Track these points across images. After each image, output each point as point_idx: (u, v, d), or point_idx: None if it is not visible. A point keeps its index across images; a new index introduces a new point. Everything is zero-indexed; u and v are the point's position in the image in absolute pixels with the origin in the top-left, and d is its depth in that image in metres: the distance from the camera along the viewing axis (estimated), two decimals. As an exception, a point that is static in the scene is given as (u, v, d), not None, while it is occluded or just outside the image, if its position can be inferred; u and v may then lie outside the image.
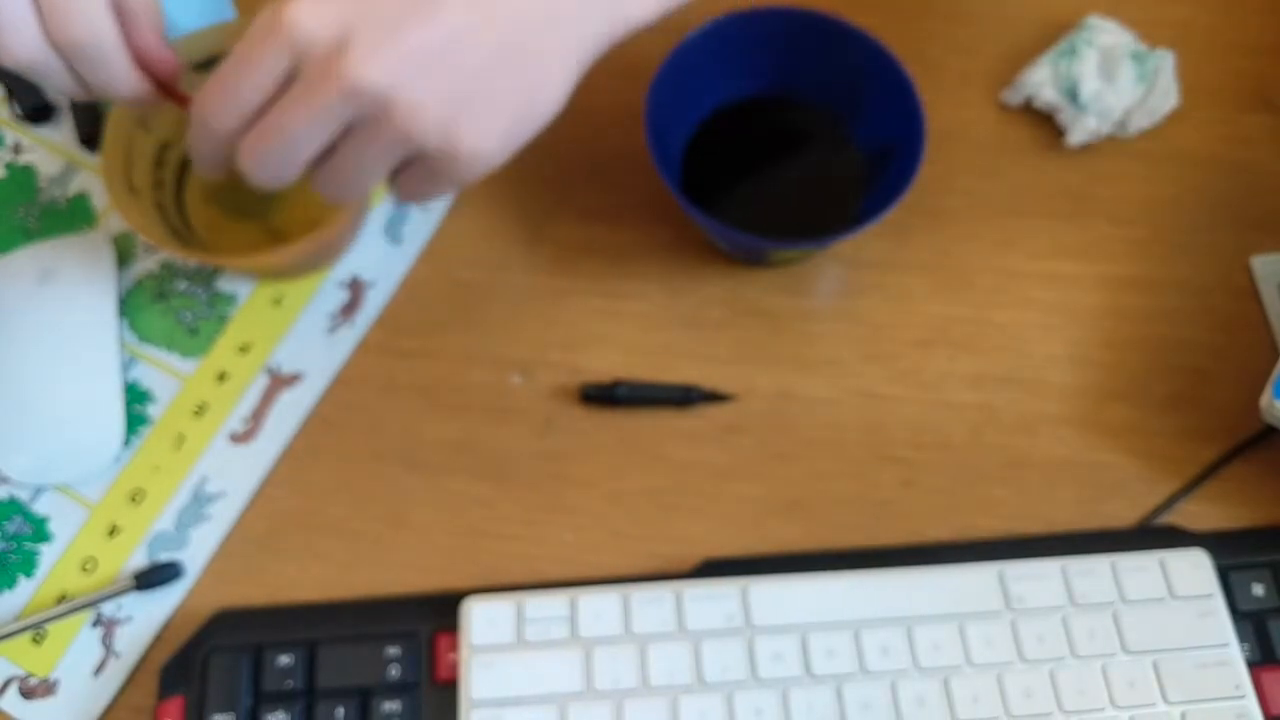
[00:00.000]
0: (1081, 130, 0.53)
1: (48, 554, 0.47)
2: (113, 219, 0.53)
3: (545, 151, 0.55)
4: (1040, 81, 0.54)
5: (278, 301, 0.51)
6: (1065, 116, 0.54)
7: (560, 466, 0.48)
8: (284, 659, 0.43)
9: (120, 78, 0.39)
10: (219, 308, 0.51)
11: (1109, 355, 0.51)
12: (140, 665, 0.45)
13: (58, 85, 0.39)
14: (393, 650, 0.43)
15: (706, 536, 0.47)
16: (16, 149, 0.55)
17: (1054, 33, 0.56)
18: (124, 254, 0.52)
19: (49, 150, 0.55)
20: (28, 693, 0.45)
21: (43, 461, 0.47)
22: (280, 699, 0.42)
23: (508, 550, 0.47)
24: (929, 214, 0.53)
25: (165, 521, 0.47)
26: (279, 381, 0.50)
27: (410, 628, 0.44)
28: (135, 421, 0.49)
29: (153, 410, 0.49)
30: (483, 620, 0.43)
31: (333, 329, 0.51)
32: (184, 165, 0.52)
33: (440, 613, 0.44)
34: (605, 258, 0.52)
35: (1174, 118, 0.55)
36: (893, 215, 0.53)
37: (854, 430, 0.49)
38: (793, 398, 0.50)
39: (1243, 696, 0.42)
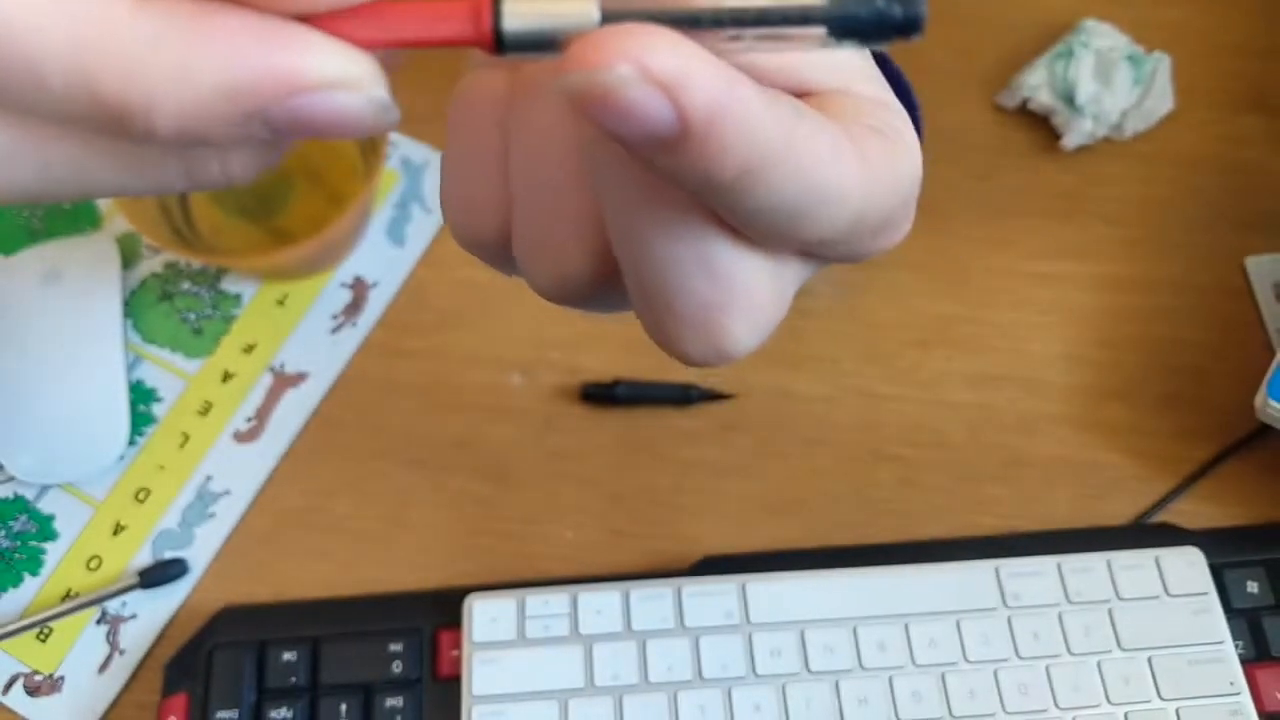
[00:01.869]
0: (1078, 133, 0.54)
1: (53, 552, 0.47)
2: (117, 220, 0.53)
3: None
4: (1036, 84, 0.55)
5: (281, 302, 0.52)
6: (1061, 119, 0.54)
7: (560, 465, 0.49)
8: (288, 655, 0.43)
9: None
10: (223, 308, 0.52)
11: (1105, 355, 0.51)
12: (145, 662, 0.45)
13: None
14: (395, 647, 0.44)
15: (705, 534, 0.47)
16: (22, 151, 0.55)
17: (1050, 35, 0.57)
18: (128, 255, 0.52)
19: (54, 152, 0.55)
20: (33, 689, 0.45)
21: (48, 460, 0.48)
22: (284, 695, 0.43)
23: (509, 548, 0.47)
24: (926, 214, 0.53)
25: (170, 519, 0.48)
26: (283, 381, 0.50)
27: (413, 624, 0.44)
28: (140, 421, 0.49)
29: (157, 409, 0.50)
30: (484, 617, 0.43)
31: (336, 329, 0.51)
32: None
33: (442, 610, 0.45)
34: (605, 258, 0.53)
35: (1169, 119, 0.55)
36: (890, 216, 0.53)
37: (852, 429, 0.50)
38: (791, 396, 0.50)
39: (1237, 693, 0.43)
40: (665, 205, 0.18)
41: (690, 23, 0.17)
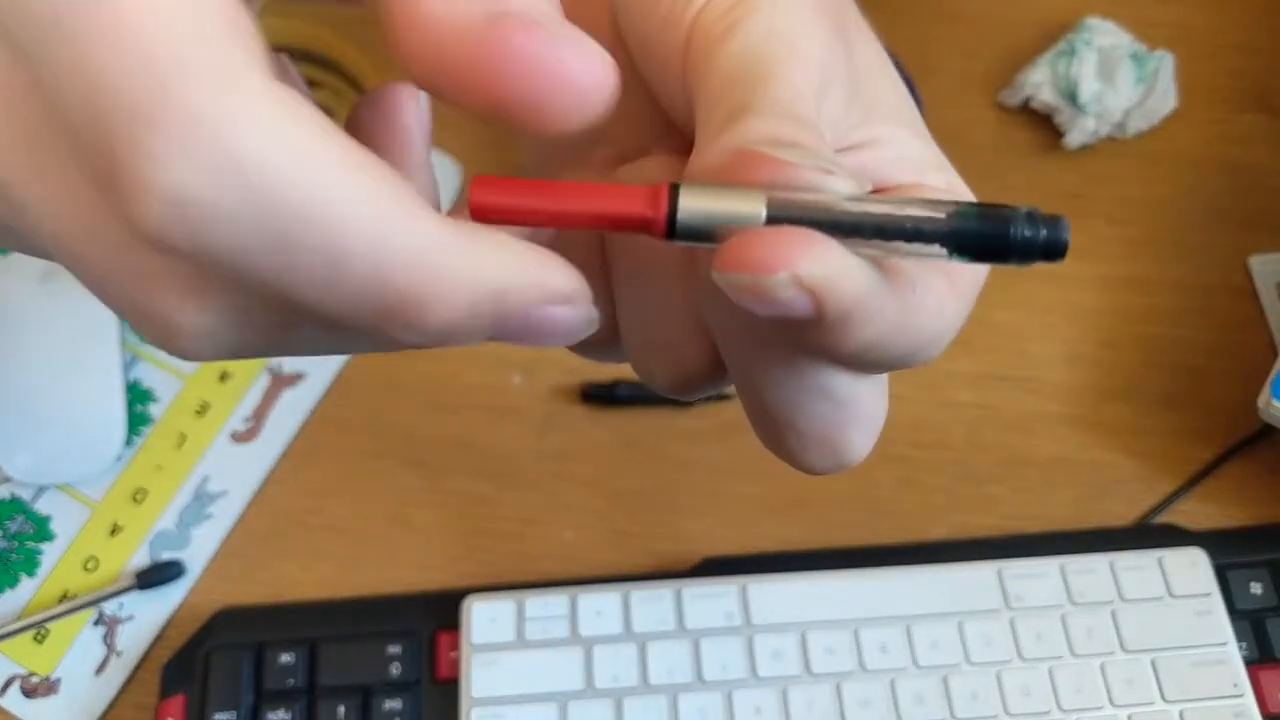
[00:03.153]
0: (1080, 131, 0.54)
1: (50, 553, 0.47)
2: (114, 219, 0.53)
3: (545, 152, 0.55)
4: (1039, 82, 0.54)
5: (279, 301, 0.52)
6: (1064, 118, 0.54)
7: (560, 465, 0.49)
8: (285, 657, 0.43)
9: None
10: (220, 307, 0.51)
11: (1107, 354, 0.51)
12: (142, 664, 0.45)
13: None
14: (394, 649, 0.44)
15: (706, 535, 0.47)
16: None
17: (1052, 34, 0.57)
18: (126, 254, 0.52)
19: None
20: (29, 691, 0.45)
21: (45, 461, 0.48)
22: (282, 697, 0.43)
23: (508, 549, 0.47)
24: (928, 214, 0.53)
25: (167, 520, 0.48)
26: (281, 381, 0.50)
27: (411, 626, 0.44)
28: (137, 421, 0.49)
29: (154, 410, 0.49)
30: (483, 619, 0.43)
31: (334, 329, 0.51)
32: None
33: (441, 611, 0.44)
34: (605, 258, 0.52)
35: (1172, 118, 0.55)
36: (892, 215, 0.53)
37: (853, 429, 0.49)
38: (792, 397, 0.50)
39: (1241, 695, 0.43)
40: (783, 348, 0.19)
41: (846, 230, 0.17)
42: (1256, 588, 0.45)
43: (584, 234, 0.22)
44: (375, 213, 0.16)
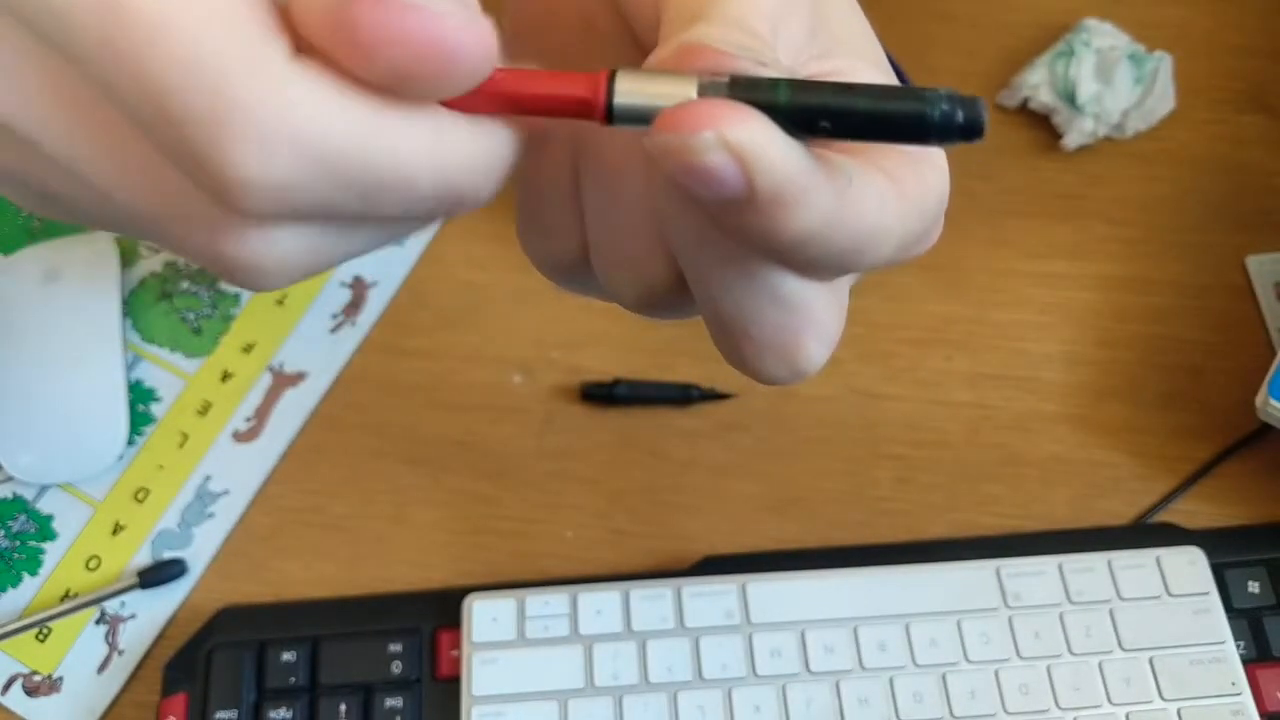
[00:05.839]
0: (1078, 132, 0.54)
1: (52, 552, 0.47)
2: (116, 219, 0.53)
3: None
4: (1037, 83, 0.55)
5: (281, 301, 0.52)
6: (1062, 118, 0.54)
7: (560, 465, 0.49)
8: (287, 655, 0.43)
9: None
10: (222, 307, 0.52)
11: (1105, 354, 0.51)
12: (144, 662, 0.45)
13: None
14: (395, 647, 0.44)
15: (706, 534, 0.47)
16: (21, 150, 0.55)
17: (1050, 35, 0.57)
18: (128, 254, 0.52)
19: (53, 151, 0.55)
20: (31, 690, 0.45)
21: (47, 460, 0.48)
22: (284, 695, 0.43)
23: (509, 547, 0.47)
24: (927, 214, 0.54)
25: (169, 519, 0.48)
26: (282, 380, 0.50)
27: (412, 624, 0.44)
28: (139, 420, 0.49)
29: (157, 409, 0.50)
30: (484, 617, 0.43)
31: (335, 328, 0.51)
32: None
33: (442, 610, 0.45)
34: (605, 258, 0.53)
35: (1170, 118, 0.55)
36: (891, 216, 0.53)
37: (852, 428, 0.50)
38: (791, 396, 0.50)
39: (1239, 694, 0.43)
40: (731, 248, 0.20)
41: (777, 113, 0.18)
42: (1254, 586, 0.45)
43: (558, 154, 0.23)
44: (424, 143, 0.18)
